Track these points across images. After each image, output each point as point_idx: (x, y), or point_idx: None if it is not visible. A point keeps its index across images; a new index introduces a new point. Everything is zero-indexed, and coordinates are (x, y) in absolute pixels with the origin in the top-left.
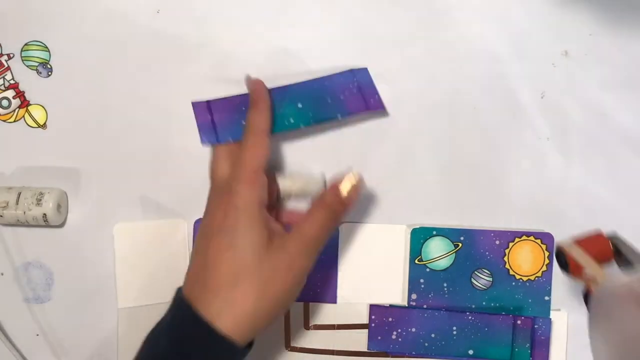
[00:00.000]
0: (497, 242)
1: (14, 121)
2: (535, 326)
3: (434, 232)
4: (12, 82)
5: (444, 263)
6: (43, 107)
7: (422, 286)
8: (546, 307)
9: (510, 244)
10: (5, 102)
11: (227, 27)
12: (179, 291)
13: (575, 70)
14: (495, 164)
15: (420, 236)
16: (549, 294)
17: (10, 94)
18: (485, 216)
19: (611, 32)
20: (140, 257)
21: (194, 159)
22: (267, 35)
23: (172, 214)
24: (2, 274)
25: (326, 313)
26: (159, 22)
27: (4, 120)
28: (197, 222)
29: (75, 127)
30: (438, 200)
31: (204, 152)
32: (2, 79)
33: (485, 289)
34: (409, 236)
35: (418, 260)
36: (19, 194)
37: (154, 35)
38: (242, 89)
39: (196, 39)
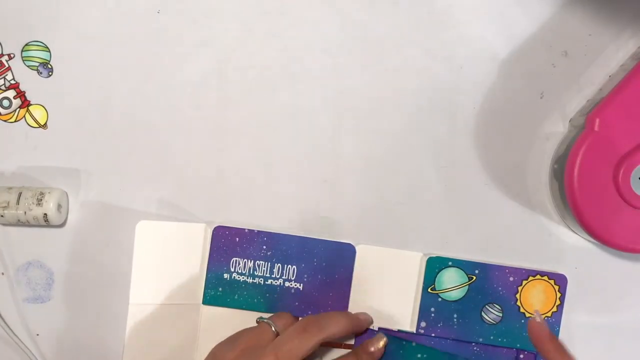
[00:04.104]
0: (511, 279)
1: (15, 121)
2: None
3: (450, 263)
4: (12, 82)
5: (456, 294)
6: (44, 107)
7: (433, 315)
8: None
9: (524, 282)
10: (6, 102)
11: (227, 27)
12: None
13: (575, 70)
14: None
15: (435, 265)
16: (557, 335)
17: (11, 94)
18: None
19: (611, 32)
20: (157, 256)
21: (194, 159)
22: (267, 35)
23: (172, 213)
24: (2, 274)
25: None
26: (159, 22)
27: (5, 120)
28: (217, 229)
29: (75, 127)
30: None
31: (204, 152)
32: (2, 79)
33: (494, 324)
34: (424, 264)
35: (431, 289)
36: (20, 194)
37: (154, 35)
38: (241, 89)
39: (196, 39)
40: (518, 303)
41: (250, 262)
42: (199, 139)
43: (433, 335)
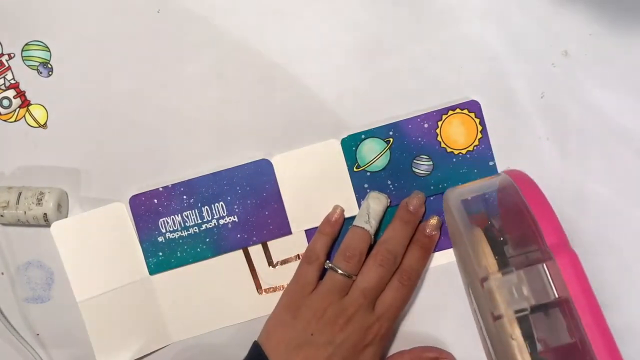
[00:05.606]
0: (426, 125)
1: (15, 121)
2: None
3: (363, 136)
4: (12, 81)
5: (381, 162)
6: (44, 106)
7: (368, 190)
8: (493, 171)
9: (439, 123)
10: (5, 102)
11: (227, 27)
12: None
13: (575, 70)
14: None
15: (350, 144)
16: (492, 159)
17: (10, 93)
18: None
19: (611, 32)
20: (87, 249)
21: (194, 159)
22: (267, 35)
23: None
24: (2, 274)
25: (285, 246)
26: (159, 22)
27: (5, 120)
28: (133, 199)
29: (75, 126)
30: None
31: (204, 152)
32: (2, 79)
33: (429, 174)
34: (341, 148)
35: (356, 168)
36: (20, 194)
37: (154, 35)
38: (241, 90)
39: (196, 39)
40: (443, 145)
41: (178, 216)
42: (199, 139)
43: None
